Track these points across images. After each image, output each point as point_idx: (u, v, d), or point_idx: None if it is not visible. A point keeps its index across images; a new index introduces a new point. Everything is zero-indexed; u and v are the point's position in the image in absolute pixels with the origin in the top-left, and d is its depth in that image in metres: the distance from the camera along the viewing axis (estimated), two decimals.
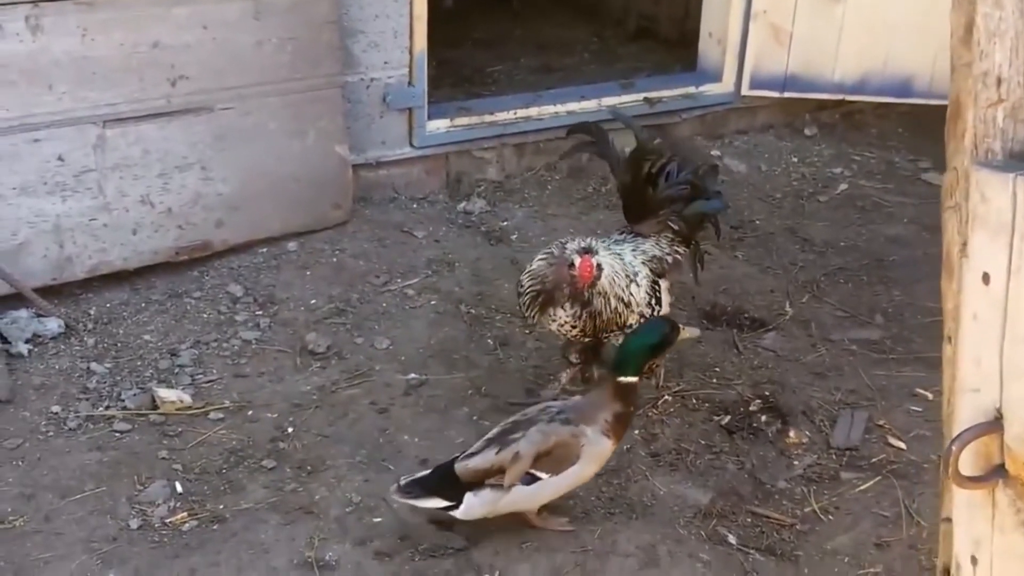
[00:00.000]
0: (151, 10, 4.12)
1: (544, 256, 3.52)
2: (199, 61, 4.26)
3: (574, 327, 3.49)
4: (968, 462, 1.55)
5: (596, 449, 3.03)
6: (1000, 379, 1.50)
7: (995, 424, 1.51)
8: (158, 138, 4.26)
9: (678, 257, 3.77)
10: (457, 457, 3.07)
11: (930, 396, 3.83)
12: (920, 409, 3.79)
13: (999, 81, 1.50)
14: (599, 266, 3.38)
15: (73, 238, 4.19)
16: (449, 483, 3.02)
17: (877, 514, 3.34)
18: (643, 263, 3.62)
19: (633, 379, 3.05)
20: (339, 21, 4.56)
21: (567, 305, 3.45)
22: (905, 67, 5.61)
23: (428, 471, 3.12)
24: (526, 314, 3.59)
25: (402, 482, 3.07)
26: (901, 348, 4.12)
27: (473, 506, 3.02)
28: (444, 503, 3.03)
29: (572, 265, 3.35)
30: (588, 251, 3.37)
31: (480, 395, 3.81)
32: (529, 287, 3.51)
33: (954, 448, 1.51)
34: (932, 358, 3.98)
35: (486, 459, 3.01)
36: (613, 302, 3.46)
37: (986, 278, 1.50)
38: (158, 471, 3.42)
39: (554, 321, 3.51)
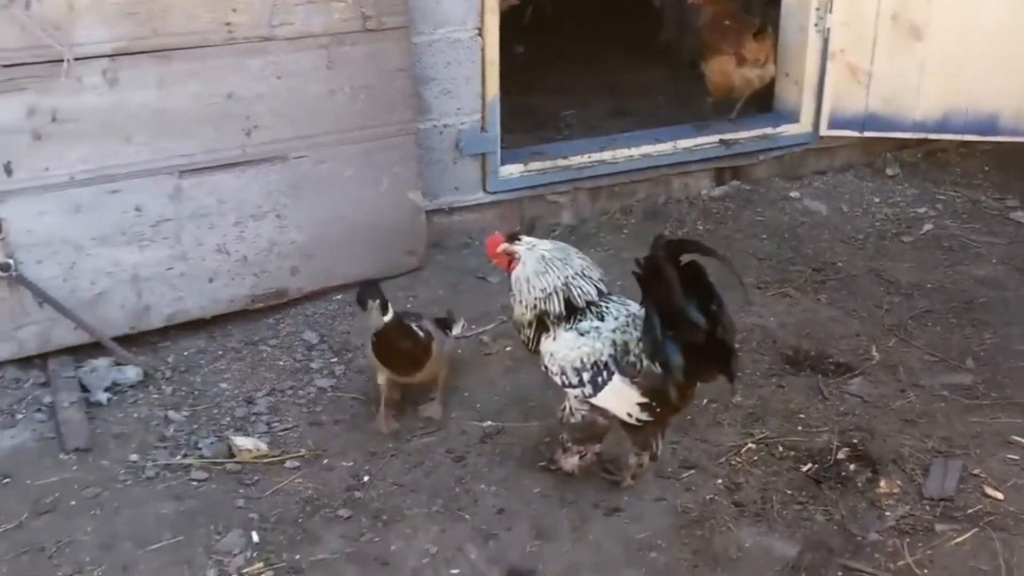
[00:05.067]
0: (226, 61, 4.15)
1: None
2: (273, 111, 4.28)
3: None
4: None
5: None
6: None
7: None
8: (233, 187, 4.28)
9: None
10: None
11: None
12: (1017, 457, 3.63)
13: None
14: (512, 259, 3.37)
15: (151, 287, 4.21)
16: None
17: (975, 568, 3.19)
18: (613, 340, 3.25)
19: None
20: (411, 69, 4.56)
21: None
22: (989, 104, 5.48)
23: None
24: None
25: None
26: (995, 393, 3.97)
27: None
28: None
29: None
30: (509, 237, 3.39)
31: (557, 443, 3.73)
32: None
33: None
34: None
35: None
36: (516, 307, 3.39)
37: None
38: (235, 520, 3.39)
39: None
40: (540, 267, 3.32)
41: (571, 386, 3.28)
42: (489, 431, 3.80)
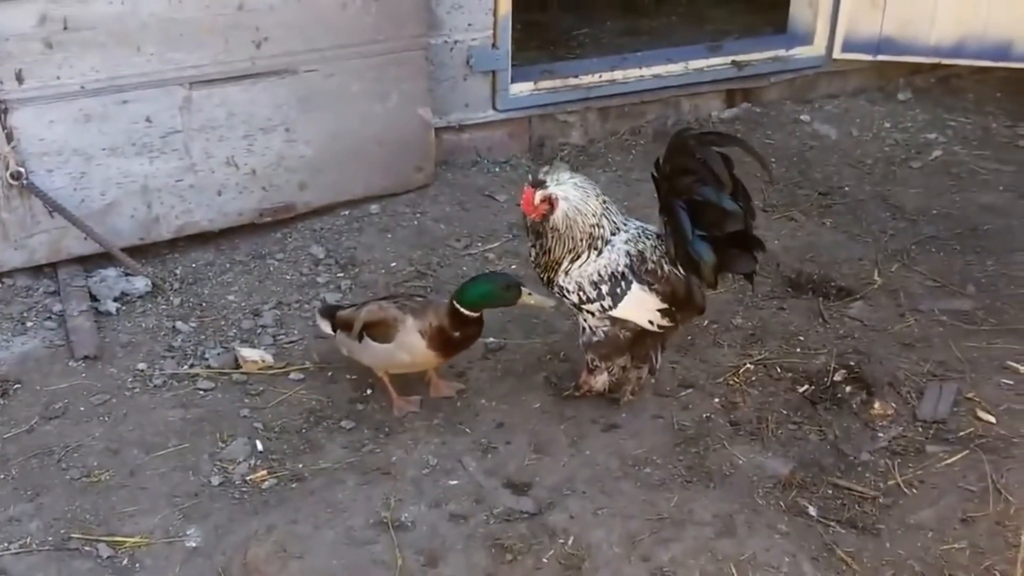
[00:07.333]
0: None
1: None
2: (283, 23, 4.27)
3: (534, 259, 3.37)
4: None
5: (407, 339, 3.34)
6: None
7: None
8: (243, 100, 4.29)
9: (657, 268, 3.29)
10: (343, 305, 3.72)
11: (1023, 369, 3.71)
12: (1012, 383, 3.67)
13: None
14: (553, 201, 3.21)
15: (160, 198, 4.25)
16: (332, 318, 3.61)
17: (963, 489, 3.25)
18: (627, 251, 3.27)
19: (465, 311, 3.29)
20: None
21: (530, 235, 3.35)
22: (1005, 30, 5.42)
23: (334, 304, 3.80)
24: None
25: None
26: (993, 319, 4.00)
27: (338, 341, 3.59)
28: (328, 330, 3.62)
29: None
30: (536, 184, 3.22)
31: (558, 360, 3.78)
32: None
33: None
34: None
35: (346, 311, 3.55)
36: (565, 243, 3.25)
37: None
38: (240, 429, 3.46)
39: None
40: (582, 194, 3.24)
41: (589, 301, 3.29)
42: (491, 347, 3.85)
